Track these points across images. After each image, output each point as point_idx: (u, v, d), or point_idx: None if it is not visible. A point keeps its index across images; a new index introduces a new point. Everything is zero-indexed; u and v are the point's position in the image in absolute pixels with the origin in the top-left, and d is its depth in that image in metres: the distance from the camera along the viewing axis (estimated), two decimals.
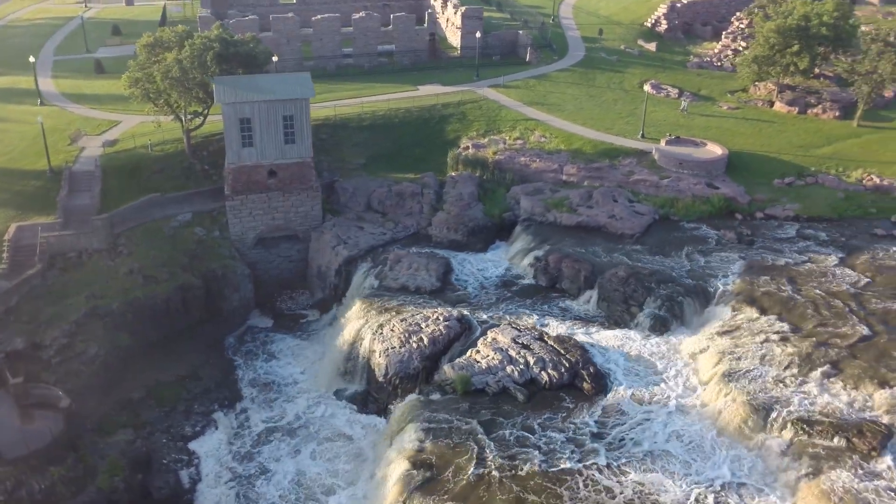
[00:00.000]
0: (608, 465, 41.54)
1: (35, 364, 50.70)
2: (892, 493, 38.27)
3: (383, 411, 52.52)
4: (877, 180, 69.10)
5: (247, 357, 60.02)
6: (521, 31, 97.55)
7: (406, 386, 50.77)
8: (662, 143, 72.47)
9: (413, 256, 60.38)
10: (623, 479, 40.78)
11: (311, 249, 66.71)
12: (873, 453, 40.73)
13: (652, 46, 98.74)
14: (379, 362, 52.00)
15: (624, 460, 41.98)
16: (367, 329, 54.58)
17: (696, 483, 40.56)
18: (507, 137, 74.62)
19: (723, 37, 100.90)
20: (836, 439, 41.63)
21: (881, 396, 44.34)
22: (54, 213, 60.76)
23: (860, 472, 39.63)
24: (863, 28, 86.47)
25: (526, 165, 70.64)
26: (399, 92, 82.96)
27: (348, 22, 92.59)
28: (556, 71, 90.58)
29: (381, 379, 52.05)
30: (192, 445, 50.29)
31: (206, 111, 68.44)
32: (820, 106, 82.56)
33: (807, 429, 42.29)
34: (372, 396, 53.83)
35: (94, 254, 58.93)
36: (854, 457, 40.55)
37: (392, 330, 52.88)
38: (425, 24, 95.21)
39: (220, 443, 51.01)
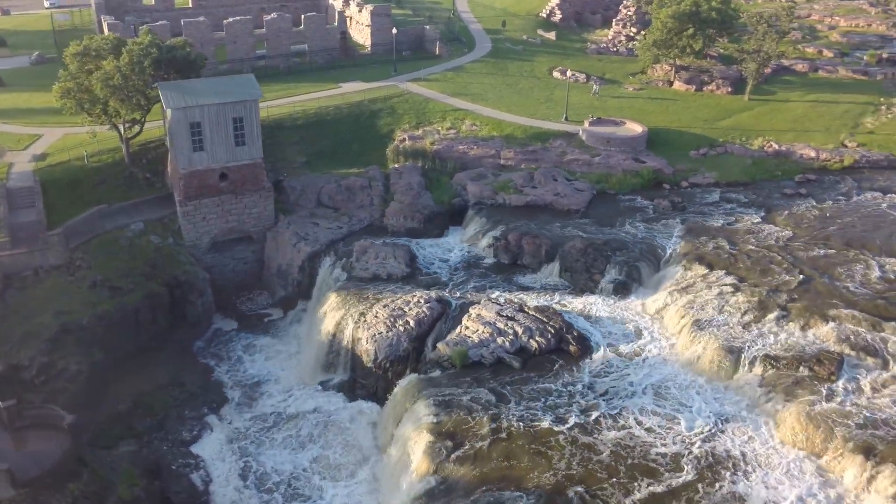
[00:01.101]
0: (609, 416, 45.23)
1: (19, 386, 49.33)
2: (856, 410, 44.05)
3: (373, 396, 54.37)
4: (776, 146, 76.92)
5: (221, 360, 60.11)
6: (427, 27, 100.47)
7: (397, 368, 52.80)
8: (586, 124, 77.52)
9: (378, 246, 62.16)
10: (624, 427, 44.45)
11: (267, 249, 67.18)
12: (833, 377, 46.59)
13: (552, 35, 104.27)
14: (367, 349, 53.66)
15: (622, 410, 45.77)
16: (348, 318, 56.02)
17: (688, 422, 44.95)
18: (440, 128, 77.47)
19: (613, 24, 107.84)
20: (800, 369, 47.25)
21: (827, 330, 50.46)
22: None
23: (826, 394, 45.29)
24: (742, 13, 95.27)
25: (465, 153, 73.77)
26: (323, 90, 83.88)
27: (260, 24, 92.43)
28: (469, 63, 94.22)
29: (369, 365, 53.76)
30: (195, 449, 50.39)
31: (144, 119, 67.29)
32: (714, 83, 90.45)
33: (775, 364, 47.76)
34: (359, 383, 55.42)
35: (51, 270, 57.31)
36: (818, 382, 46.30)
37: (376, 316, 54.64)
38: (336, 24, 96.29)
39: (220, 443, 51.32)
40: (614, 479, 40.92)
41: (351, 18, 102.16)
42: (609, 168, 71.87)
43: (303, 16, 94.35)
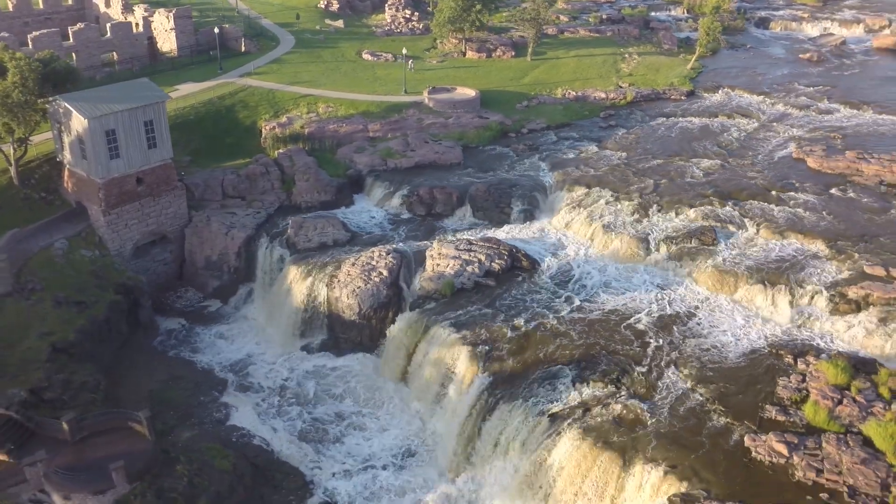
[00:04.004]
0: (586, 303, 56.84)
1: (46, 406, 48.68)
2: (741, 259, 60.53)
3: (359, 346, 60.85)
4: (574, 93, 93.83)
5: (193, 352, 61.83)
6: (226, 25, 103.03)
7: (380, 314, 59.86)
8: (426, 93, 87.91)
9: (311, 220, 67.39)
10: (599, 309, 56.51)
11: (188, 245, 68.76)
12: (715, 242, 62.86)
13: (340, 24, 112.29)
14: (349, 304, 59.80)
15: (590, 298, 57.66)
16: (319, 284, 61.39)
17: (637, 294, 58.23)
18: (300, 113, 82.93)
19: (386, 9, 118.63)
20: (692, 242, 62.82)
21: (693, 213, 66.90)
22: None
23: (718, 254, 61.37)
24: None
25: (336, 131, 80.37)
26: None
27: (66, 35, 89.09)
28: (284, 55, 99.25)
29: (352, 318, 60.02)
30: (236, 424, 53.29)
31: (28, 137, 64.82)
32: (498, 50, 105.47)
33: (673, 241, 62.92)
34: (341, 339, 61.45)
35: (5, 297, 55.17)
36: (709, 247, 62.30)
37: (348, 274, 60.76)
38: (141, 29, 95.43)
39: (252, 416, 54.59)
40: (614, 348, 52.35)
41: (136, 24, 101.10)
42: (462, 127, 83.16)
43: (108, 24, 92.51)
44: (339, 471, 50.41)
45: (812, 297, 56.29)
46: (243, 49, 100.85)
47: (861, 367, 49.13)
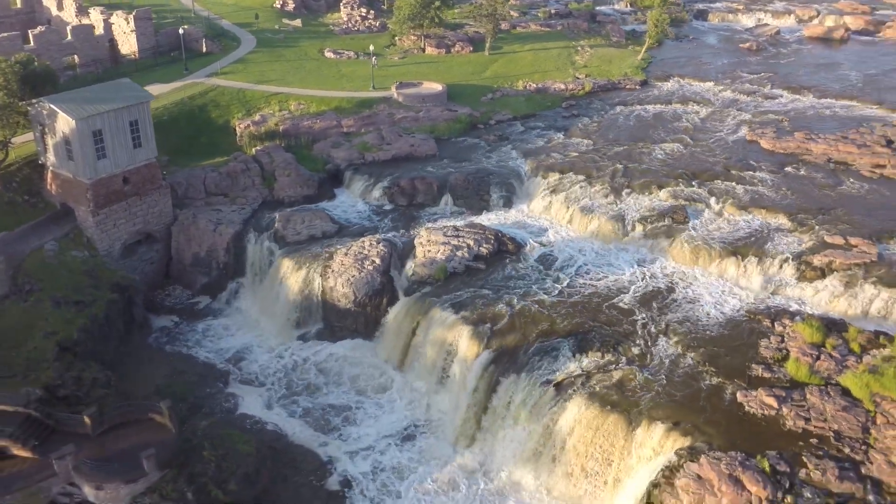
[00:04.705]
0: (573, 282, 60.02)
1: (62, 403, 49.25)
2: (712, 234, 64.50)
3: (355, 334, 62.55)
4: (534, 85, 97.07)
5: (190, 347, 62.52)
6: (185, 27, 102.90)
7: (375, 301, 61.73)
8: (394, 89, 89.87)
9: (297, 213, 68.82)
10: (586, 287, 59.57)
11: (175, 243, 69.33)
12: (686, 220, 66.65)
13: (298, 23, 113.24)
14: (344, 293, 61.49)
15: (577, 276, 60.83)
16: (313, 274, 62.91)
17: (621, 273, 61.64)
18: (273, 111, 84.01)
19: (341, 8, 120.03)
20: (666, 220, 66.60)
21: (663, 193, 70.73)
22: None
23: (690, 231, 65.21)
24: None
25: (310, 127, 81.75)
26: None
27: (26, 39, 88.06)
28: (247, 54, 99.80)
29: (348, 306, 61.69)
30: (246, 411, 54.58)
31: (11, 140, 64.67)
32: (457, 45, 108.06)
33: (647, 220, 66.54)
34: (336, 327, 63.03)
35: (3, 300, 55.24)
36: (682, 224, 66.10)
37: (342, 264, 62.47)
38: (102, 32, 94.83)
39: (260, 404, 55.95)
40: (605, 321, 55.45)
41: (94, 26, 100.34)
42: (433, 120, 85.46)
43: (69, 27, 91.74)
44: (349, 451, 52.13)
45: (781, 267, 60.44)
46: (205, 50, 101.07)
47: (832, 326, 53.30)
